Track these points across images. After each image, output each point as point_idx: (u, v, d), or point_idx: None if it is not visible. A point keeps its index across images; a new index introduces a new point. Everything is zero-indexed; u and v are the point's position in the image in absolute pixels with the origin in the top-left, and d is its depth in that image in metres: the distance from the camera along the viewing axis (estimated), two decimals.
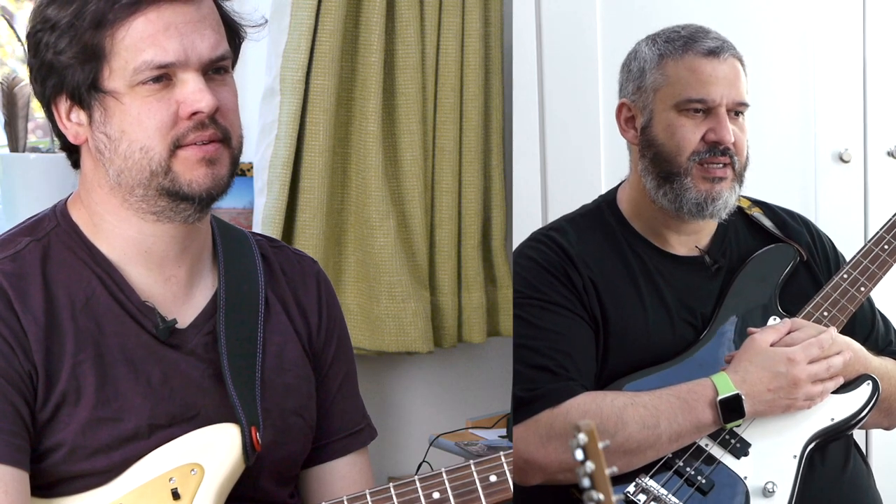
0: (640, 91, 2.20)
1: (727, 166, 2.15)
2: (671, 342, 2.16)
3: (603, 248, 2.21)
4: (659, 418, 2.02)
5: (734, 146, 2.15)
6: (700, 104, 2.15)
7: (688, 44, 2.17)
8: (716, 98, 2.14)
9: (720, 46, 2.17)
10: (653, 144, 2.18)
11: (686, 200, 2.16)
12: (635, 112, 2.22)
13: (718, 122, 2.14)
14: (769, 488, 2.05)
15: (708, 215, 2.17)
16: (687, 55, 2.17)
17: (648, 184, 2.19)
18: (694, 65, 2.16)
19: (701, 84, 2.15)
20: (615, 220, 2.25)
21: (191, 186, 1.80)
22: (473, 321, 3.44)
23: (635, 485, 2.03)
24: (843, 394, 2.13)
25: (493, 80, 3.44)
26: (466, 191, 3.42)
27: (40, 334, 1.81)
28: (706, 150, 2.15)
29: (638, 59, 2.22)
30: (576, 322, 2.14)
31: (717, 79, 2.15)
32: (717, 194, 2.15)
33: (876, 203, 3.32)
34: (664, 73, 2.18)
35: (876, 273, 2.20)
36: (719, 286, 2.22)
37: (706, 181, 2.15)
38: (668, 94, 2.17)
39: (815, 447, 2.10)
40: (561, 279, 2.16)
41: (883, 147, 3.34)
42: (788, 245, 2.26)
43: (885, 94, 3.31)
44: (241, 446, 1.86)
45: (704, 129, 2.15)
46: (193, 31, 1.78)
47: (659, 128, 2.18)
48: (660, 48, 2.19)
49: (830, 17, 3.27)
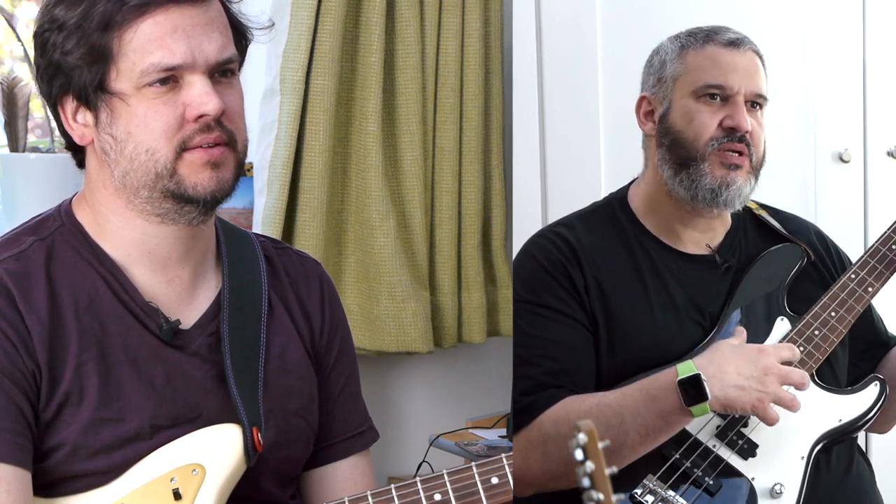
0: (660, 83, 2.23)
1: (744, 155, 2.16)
2: (679, 341, 2.15)
3: (612, 244, 2.22)
4: (623, 415, 2.00)
5: (751, 136, 2.16)
6: (718, 90, 2.17)
7: (709, 35, 2.21)
8: (734, 85, 2.17)
9: (740, 39, 2.20)
10: (671, 132, 2.20)
11: (701, 187, 2.16)
12: (654, 104, 2.23)
13: (736, 109, 2.16)
14: (777, 489, 2.05)
15: (722, 202, 2.17)
16: (708, 45, 2.20)
17: (665, 173, 2.20)
18: (714, 54, 2.19)
19: (720, 71, 2.18)
20: (626, 217, 2.25)
21: (195, 189, 1.80)
22: (473, 321, 3.45)
23: (643, 486, 2.03)
24: (851, 394, 2.14)
25: (493, 80, 3.44)
26: (466, 191, 3.42)
27: (44, 334, 1.81)
28: (724, 135, 2.16)
29: (660, 52, 2.25)
30: (570, 326, 2.14)
31: (736, 68, 2.18)
32: (731, 181, 2.16)
33: (876, 203, 3.32)
34: (684, 62, 2.20)
35: (883, 273, 2.20)
36: (728, 286, 2.22)
37: (722, 167, 2.16)
38: (688, 82, 2.19)
39: (822, 449, 2.10)
40: (559, 280, 2.16)
41: (883, 147, 3.34)
42: (796, 245, 2.26)
43: (884, 94, 3.32)
44: (242, 447, 1.85)
45: (722, 116, 2.17)
46: (201, 34, 1.78)
47: (677, 115, 2.20)
48: (682, 41, 2.23)
49: (830, 17, 3.28)
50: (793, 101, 3.27)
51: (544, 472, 2.02)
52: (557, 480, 2.03)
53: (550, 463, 2.01)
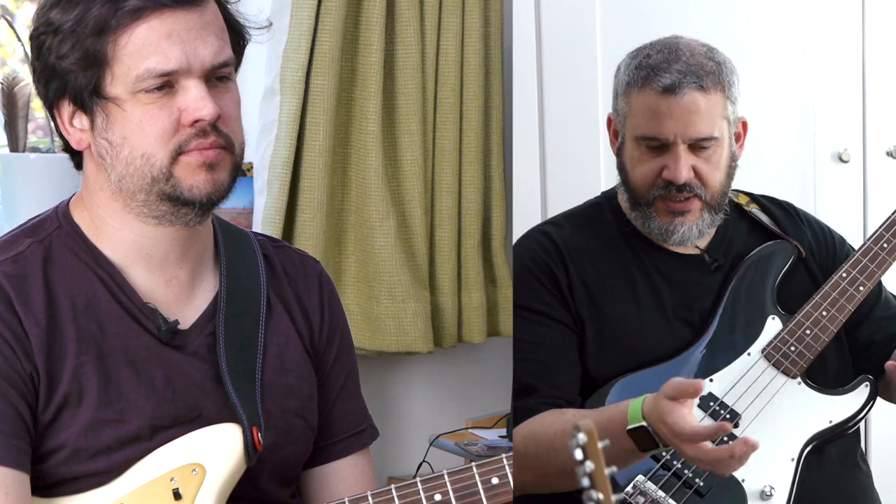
0: (616, 112, 2.19)
1: (690, 198, 2.13)
2: (666, 340, 2.15)
3: (599, 244, 2.21)
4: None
5: (698, 179, 2.12)
6: (654, 141, 2.13)
7: (648, 77, 2.12)
8: (668, 136, 2.11)
9: (676, 82, 2.09)
10: (622, 170, 2.19)
11: (653, 227, 2.17)
12: (616, 127, 2.21)
13: (673, 159, 2.11)
14: (767, 491, 2.05)
15: (675, 242, 2.17)
16: (644, 90, 2.12)
17: (623, 203, 2.21)
18: (650, 101, 2.12)
19: (655, 122, 2.11)
20: (615, 216, 2.24)
21: (192, 192, 1.80)
22: (473, 321, 3.45)
23: (633, 486, 2.02)
24: (842, 395, 2.14)
25: (493, 80, 3.44)
26: (466, 191, 3.42)
27: (42, 336, 1.81)
28: (663, 185, 2.13)
29: (618, 77, 2.19)
30: (552, 329, 2.14)
31: (672, 115, 2.10)
32: (679, 225, 2.15)
33: (875, 203, 3.32)
34: (629, 102, 2.15)
35: (875, 272, 2.19)
36: (719, 284, 2.21)
37: (668, 214, 2.15)
38: (631, 125, 2.15)
39: (813, 449, 2.10)
40: (543, 281, 2.17)
41: (882, 147, 3.34)
42: (786, 242, 2.25)
43: (884, 94, 3.32)
44: (242, 446, 1.85)
45: (660, 166, 2.13)
46: (196, 38, 1.78)
47: (626, 156, 2.18)
48: (629, 75, 2.15)
49: (830, 17, 3.28)
50: (792, 100, 3.27)
51: (523, 483, 1.97)
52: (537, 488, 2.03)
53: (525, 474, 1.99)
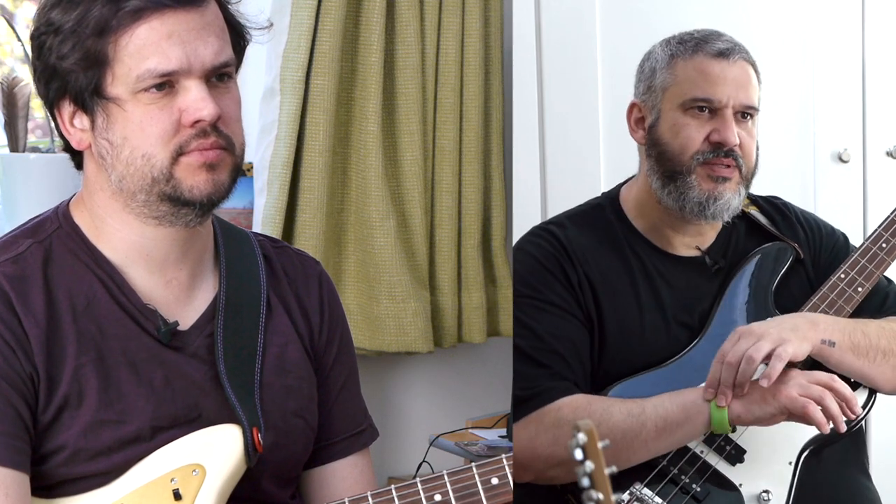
0: (649, 91, 2.20)
1: (732, 167, 2.14)
2: (665, 343, 2.16)
3: (601, 245, 2.21)
4: (645, 405, 2.01)
5: (740, 148, 2.14)
6: (706, 104, 2.14)
7: (699, 45, 2.17)
8: (722, 98, 2.14)
9: (730, 48, 2.16)
10: (658, 143, 2.18)
11: (689, 199, 2.15)
12: (644, 112, 2.22)
13: (723, 123, 2.14)
14: (764, 496, 2.05)
15: (710, 215, 2.16)
16: (697, 56, 2.17)
17: (654, 183, 2.19)
18: (703, 65, 2.16)
19: (708, 84, 2.15)
20: (616, 217, 2.25)
21: (192, 192, 1.80)
22: (473, 321, 3.45)
23: (630, 493, 2.02)
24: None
25: (493, 80, 3.44)
26: (466, 191, 3.42)
27: (42, 337, 1.81)
28: (710, 150, 2.14)
29: (651, 59, 2.22)
30: (570, 322, 2.14)
31: (725, 80, 2.14)
32: (719, 194, 2.14)
33: (875, 203, 3.32)
34: (673, 72, 2.18)
35: (873, 272, 2.18)
36: (718, 286, 2.21)
37: (710, 180, 2.14)
38: (676, 94, 2.17)
39: (812, 452, 2.10)
40: (557, 276, 2.16)
41: (882, 147, 3.34)
42: (784, 244, 2.25)
43: (884, 94, 3.31)
44: (242, 447, 1.85)
45: (709, 130, 2.14)
46: (196, 39, 1.78)
47: (665, 126, 2.18)
48: (672, 49, 2.19)
49: (830, 17, 3.28)
50: (792, 101, 3.27)
51: (549, 455, 2.01)
52: (559, 468, 2.03)
53: (558, 447, 2.01)
